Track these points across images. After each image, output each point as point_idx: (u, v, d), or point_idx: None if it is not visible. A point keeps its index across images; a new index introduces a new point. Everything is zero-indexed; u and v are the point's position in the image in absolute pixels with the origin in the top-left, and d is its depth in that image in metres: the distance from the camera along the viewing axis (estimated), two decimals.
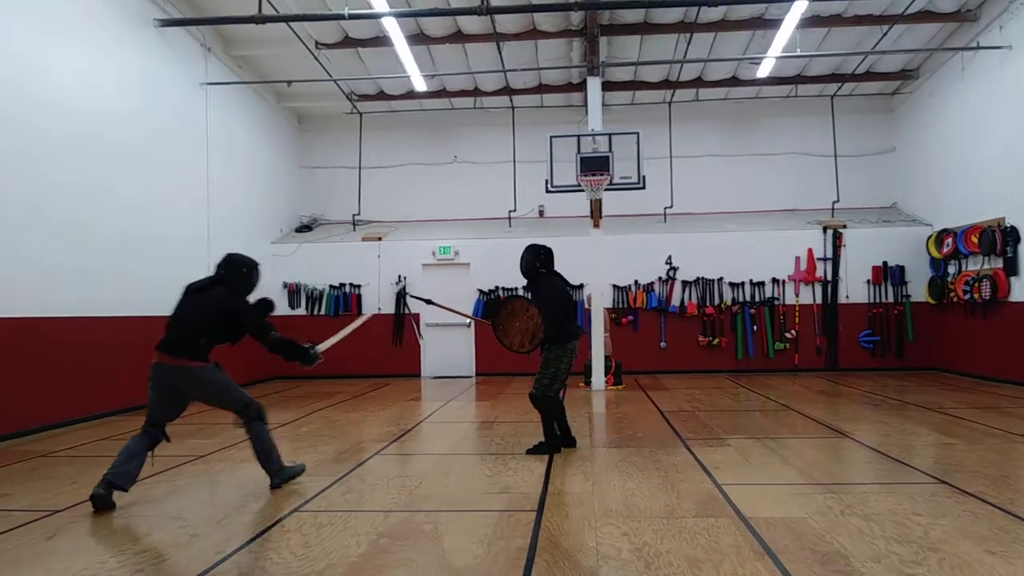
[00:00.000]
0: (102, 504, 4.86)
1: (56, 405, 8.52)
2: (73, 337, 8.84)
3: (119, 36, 10.05)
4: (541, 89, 15.45)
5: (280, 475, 5.54)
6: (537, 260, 6.94)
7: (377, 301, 15.02)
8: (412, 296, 8.87)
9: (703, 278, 14.58)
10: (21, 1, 8.21)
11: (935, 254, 13.54)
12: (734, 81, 15.17)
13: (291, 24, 11.71)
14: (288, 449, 7.21)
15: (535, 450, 6.62)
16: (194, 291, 5.46)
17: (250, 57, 13.73)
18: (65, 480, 5.77)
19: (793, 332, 14.34)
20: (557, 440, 6.64)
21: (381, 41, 12.86)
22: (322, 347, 5.75)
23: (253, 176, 14.38)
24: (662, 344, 14.50)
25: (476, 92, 15.56)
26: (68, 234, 8.78)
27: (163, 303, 10.79)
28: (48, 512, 4.85)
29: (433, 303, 7.78)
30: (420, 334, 14.93)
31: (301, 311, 15.05)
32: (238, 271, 5.56)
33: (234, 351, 5.61)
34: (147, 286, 10.11)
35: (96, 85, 9.50)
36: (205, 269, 12.05)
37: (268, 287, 14.81)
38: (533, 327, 6.43)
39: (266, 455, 5.50)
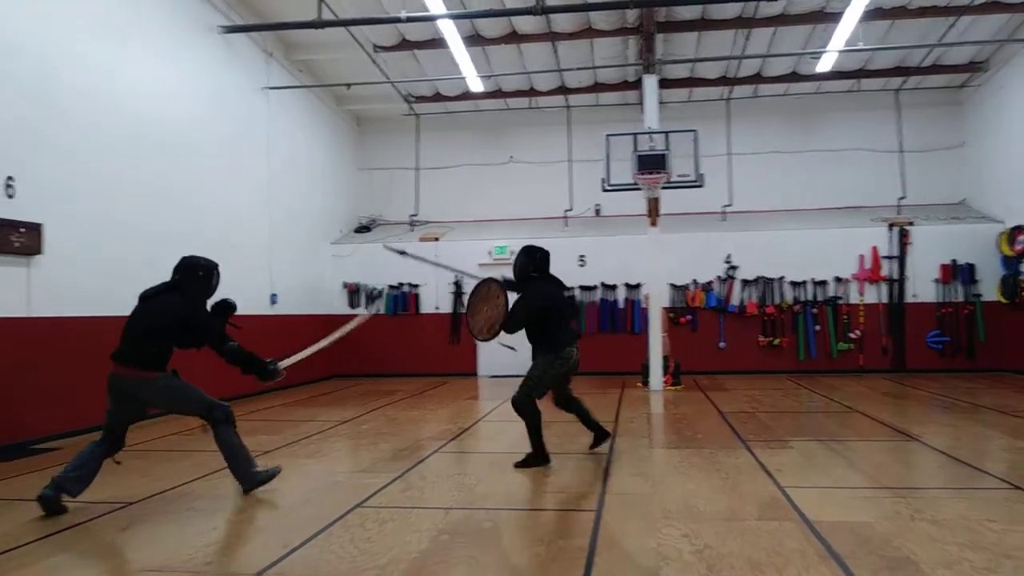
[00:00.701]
0: (49, 506, 4.73)
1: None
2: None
3: (185, 43, 10.35)
4: (596, 88, 15.39)
5: (251, 480, 5.27)
6: (531, 264, 6.30)
7: (435, 301, 15.16)
8: (388, 248, 8.18)
9: (763, 277, 14.34)
10: (90, 10, 8.51)
11: (1007, 251, 13.06)
12: (794, 76, 14.87)
13: (349, 28, 11.90)
14: (348, 446, 7.35)
15: (524, 463, 6.08)
16: (146, 298, 5.21)
17: (310, 61, 13.99)
18: (137, 473, 5.96)
19: (857, 332, 13.99)
20: (546, 451, 6.13)
21: (437, 43, 12.97)
22: (285, 363, 5.46)
23: (313, 178, 14.66)
24: (721, 344, 14.31)
25: (531, 92, 15.59)
26: (135, 235, 9.07)
27: None
28: (122, 504, 5.02)
29: (408, 254, 7.55)
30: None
31: (361, 310, 15.27)
32: (193, 274, 5.26)
33: (295, 349, 5.65)
34: None
35: (163, 90, 9.80)
36: (267, 270, 12.38)
37: (328, 287, 15.10)
38: (495, 316, 6.06)
39: (235, 460, 5.24)
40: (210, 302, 5.44)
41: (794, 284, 14.28)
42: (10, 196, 7.20)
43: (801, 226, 14.54)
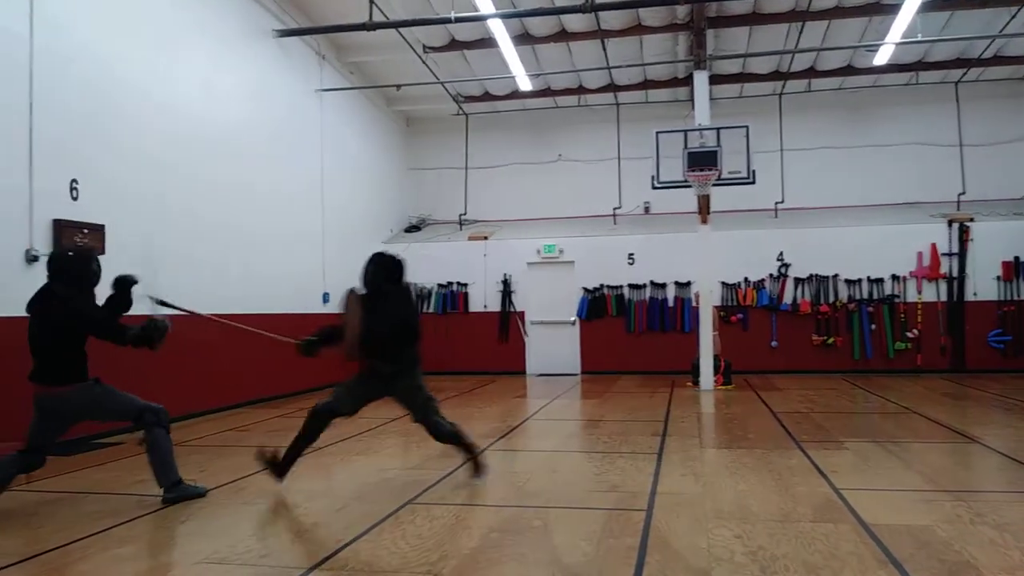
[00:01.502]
0: None
1: (184, 398, 9.05)
2: (200, 335, 9.36)
3: (240, 47, 10.58)
4: (646, 85, 15.30)
5: (176, 490, 4.97)
6: (384, 273, 5.39)
7: (483, 299, 15.23)
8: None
9: (817, 275, 14.08)
10: (149, 17, 8.75)
11: None
12: (849, 70, 14.57)
13: (400, 29, 12.03)
14: (399, 443, 7.43)
15: (477, 473, 5.51)
16: (32, 306, 4.89)
17: (361, 63, 14.17)
18: (195, 468, 6.12)
19: (915, 331, 13.65)
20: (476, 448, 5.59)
21: (486, 43, 13.03)
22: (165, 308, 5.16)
23: (364, 178, 14.86)
24: (773, 343, 14.09)
25: (580, 90, 15.56)
26: (192, 233, 9.30)
27: (279, 301, 11.31)
28: None
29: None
30: (525, 331, 15.04)
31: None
32: (62, 267, 4.91)
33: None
34: (265, 284, 10.64)
35: (219, 93, 10.03)
36: (320, 270, 12.59)
37: None
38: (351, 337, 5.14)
39: (161, 465, 4.95)
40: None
41: (849, 282, 13.99)
42: (74, 198, 7.45)
43: (856, 223, 14.23)
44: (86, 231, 7.50)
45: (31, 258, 6.87)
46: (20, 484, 5.41)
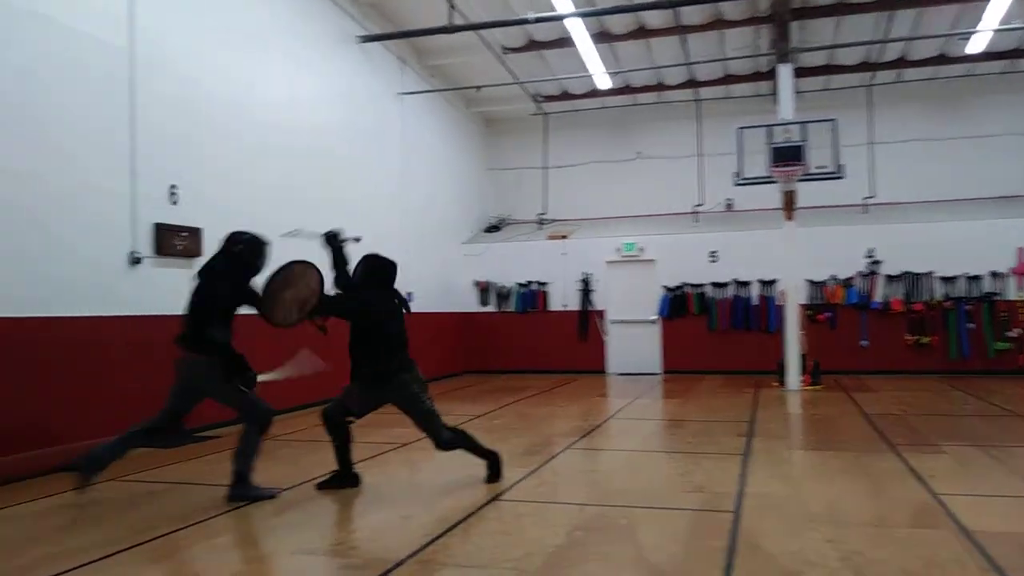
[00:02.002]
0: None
1: (277, 393, 9.33)
2: (284, 331, 9.66)
3: (324, 53, 10.86)
4: (727, 80, 15.02)
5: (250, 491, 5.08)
6: (374, 275, 5.69)
7: (563, 298, 15.23)
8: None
9: (910, 272, 13.54)
10: (237, 24, 9.05)
11: None
12: (942, 59, 13.97)
13: (479, 31, 12.14)
14: (482, 440, 7.46)
15: (493, 475, 5.53)
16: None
17: (441, 66, 14.35)
18: (288, 462, 6.33)
19: (1017, 330, 12.98)
20: (493, 453, 5.58)
21: (564, 42, 13.01)
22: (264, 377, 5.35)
23: (445, 180, 15.06)
24: (863, 342, 13.63)
25: (660, 87, 15.38)
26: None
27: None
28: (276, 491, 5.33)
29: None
30: (604, 330, 14.98)
31: (491, 308, 15.57)
32: (226, 249, 5.34)
33: (429, 346, 5.63)
34: None
35: (304, 99, 10.31)
36: (403, 270, 12.77)
37: (460, 286, 15.46)
38: (307, 294, 5.24)
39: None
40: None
41: (944, 279, 13.41)
42: (173, 203, 7.79)
43: (951, 217, 13.64)
44: (185, 234, 7.83)
45: (134, 260, 7.21)
46: (128, 474, 5.71)
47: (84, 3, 6.83)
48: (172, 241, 7.66)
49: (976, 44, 12.80)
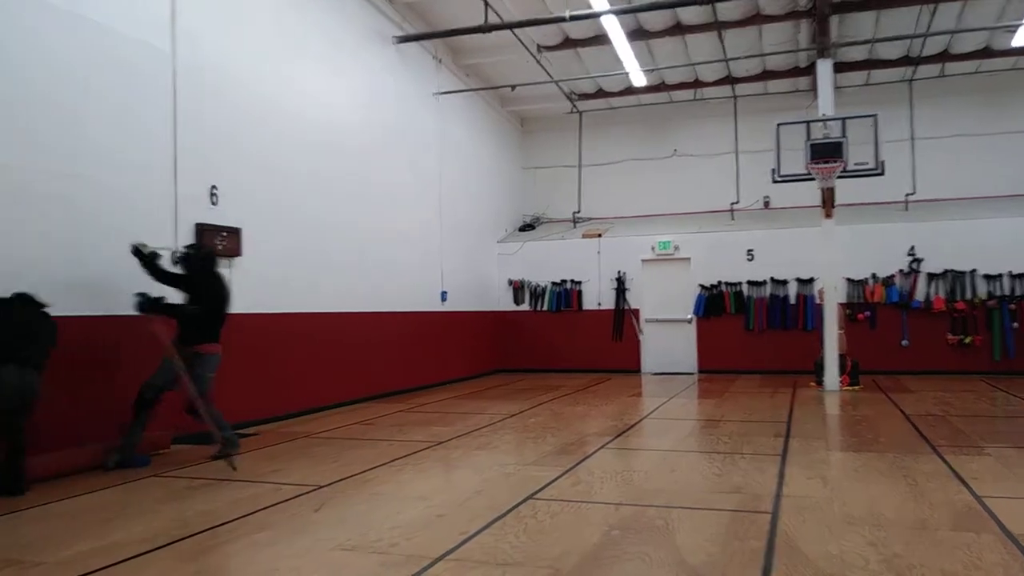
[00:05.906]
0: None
1: (314, 391, 9.48)
2: (333, 333, 9.78)
3: (361, 53, 10.95)
4: (765, 76, 14.86)
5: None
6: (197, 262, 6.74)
7: (597, 297, 15.19)
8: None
9: (952, 270, 13.27)
10: (275, 27, 9.18)
11: None
12: (986, 52, 13.68)
13: (514, 30, 12.14)
14: (517, 439, 7.52)
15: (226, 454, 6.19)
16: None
17: (476, 65, 14.39)
18: (327, 459, 6.40)
19: None
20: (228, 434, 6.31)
21: (600, 40, 12.98)
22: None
23: (480, 179, 15.10)
24: (904, 342, 13.40)
25: (696, 84, 15.27)
26: (319, 235, 9.71)
27: (399, 300, 11.66)
28: (314, 487, 5.41)
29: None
30: (640, 329, 14.91)
31: (525, 307, 15.58)
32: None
33: (464, 345, 5.70)
34: (385, 283, 11.09)
35: (341, 99, 10.42)
36: (438, 268, 12.89)
37: (495, 284, 15.51)
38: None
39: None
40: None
41: (988, 277, 13.12)
42: (214, 203, 7.92)
43: (996, 214, 13.34)
44: (225, 234, 7.96)
45: (177, 259, 7.34)
46: (168, 470, 5.83)
47: (128, 7, 6.97)
48: (213, 241, 7.78)
49: (1022, 37, 12.49)
